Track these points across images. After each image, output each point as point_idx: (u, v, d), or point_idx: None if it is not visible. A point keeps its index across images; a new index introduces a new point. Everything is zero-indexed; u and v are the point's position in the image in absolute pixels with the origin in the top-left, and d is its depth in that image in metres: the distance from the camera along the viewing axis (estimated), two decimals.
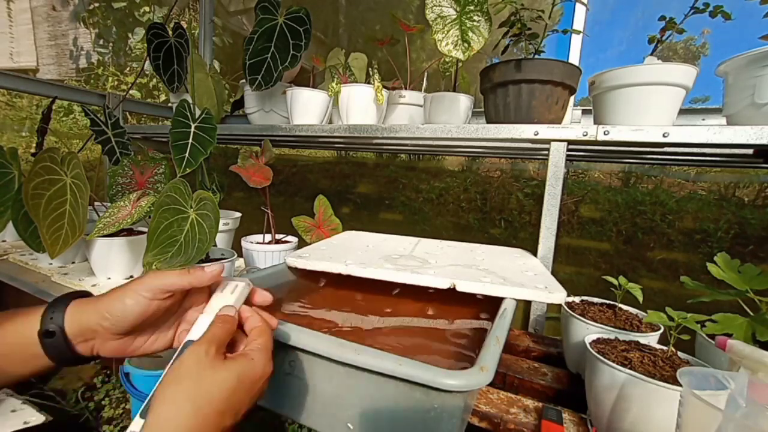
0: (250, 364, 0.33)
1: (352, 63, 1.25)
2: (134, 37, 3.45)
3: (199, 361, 0.31)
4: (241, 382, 0.32)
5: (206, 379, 0.30)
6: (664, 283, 1.55)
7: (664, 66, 0.71)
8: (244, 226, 1.31)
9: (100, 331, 0.35)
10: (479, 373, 0.36)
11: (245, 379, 0.32)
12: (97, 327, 0.35)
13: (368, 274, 0.61)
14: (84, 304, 0.36)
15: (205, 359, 0.31)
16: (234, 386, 0.31)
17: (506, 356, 0.70)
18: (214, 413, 0.30)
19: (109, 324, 0.35)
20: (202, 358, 0.31)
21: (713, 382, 0.35)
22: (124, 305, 0.35)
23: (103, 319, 0.34)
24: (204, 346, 0.32)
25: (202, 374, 0.30)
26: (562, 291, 0.55)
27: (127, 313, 0.35)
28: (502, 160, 2.03)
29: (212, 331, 0.34)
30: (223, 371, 0.31)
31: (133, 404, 1.52)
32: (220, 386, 0.30)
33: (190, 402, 0.29)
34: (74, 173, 0.82)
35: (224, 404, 0.30)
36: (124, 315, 0.35)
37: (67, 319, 0.34)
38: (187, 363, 0.31)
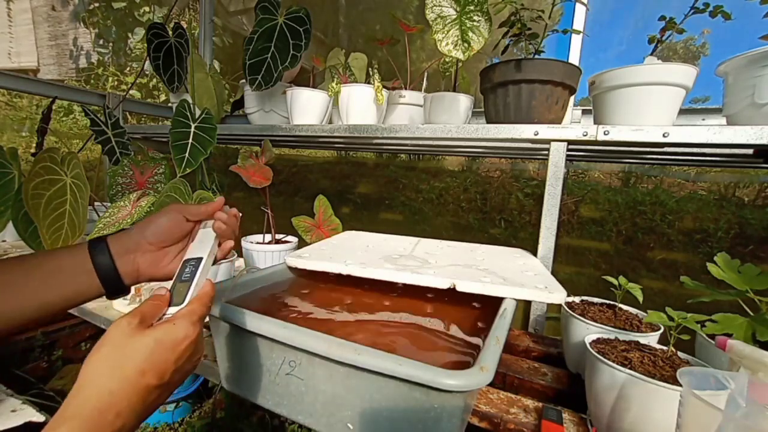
0: (170, 328, 0.34)
1: (352, 63, 1.25)
2: (134, 37, 3.45)
3: (121, 331, 0.33)
4: (160, 343, 0.33)
5: (126, 345, 0.32)
6: (664, 283, 1.55)
7: (664, 66, 0.71)
8: (244, 226, 1.31)
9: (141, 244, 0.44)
10: (479, 373, 0.36)
11: (164, 341, 0.33)
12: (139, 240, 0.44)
13: (368, 274, 0.61)
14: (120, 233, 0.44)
15: (126, 329, 0.33)
16: (152, 347, 0.33)
17: (506, 356, 0.70)
18: (134, 373, 0.31)
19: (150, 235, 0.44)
20: (124, 328, 0.33)
21: (713, 382, 0.35)
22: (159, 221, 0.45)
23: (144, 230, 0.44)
24: (127, 318, 0.34)
25: (122, 341, 0.32)
26: (562, 291, 0.55)
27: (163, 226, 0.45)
28: (502, 160, 2.03)
29: (140, 307, 0.36)
30: (142, 336, 0.33)
31: None
32: (138, 348, 0.32)
33: (108, 365, 0.31)
34: (74, 173, 0.82)
35: (143, 363, 0.32)
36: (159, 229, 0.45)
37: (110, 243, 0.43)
38: (111, 333, 0.33)
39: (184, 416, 1.53)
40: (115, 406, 0.30)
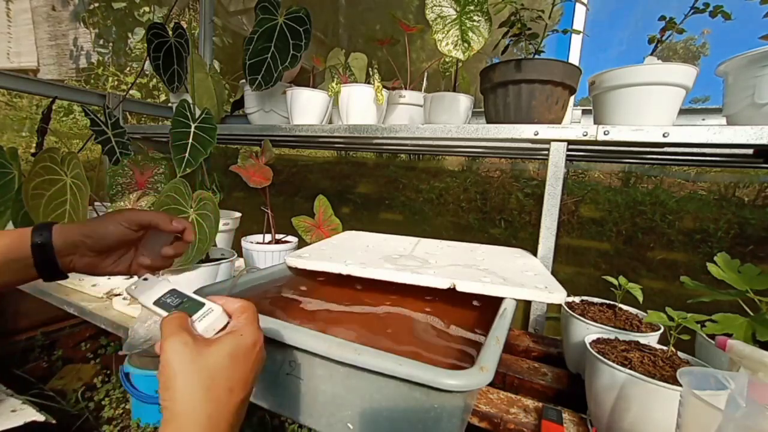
0: (239, 339, 0.33)
1: (352, 63, 1.25)
2: (134, 37, 3.45)
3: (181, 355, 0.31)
4: (234, 356, 0.32)
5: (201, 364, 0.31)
6: (664, 283, 1.55)
7: (664, 66, 0.71)
8: (244, 226, 1.31)
9: (81, 248, 0.43)
10: (479, 373, 0.36)
11: (237, 352, 0.33)
12: (80, 243, 0.42)
13: (368, 274, 0.61)
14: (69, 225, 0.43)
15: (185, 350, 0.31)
16: (228, 363, 0.32)
17: (506, 356, 0.70)
18: (223, 392, 0.31)
19: (91, 242, 0.43)
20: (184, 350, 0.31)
21: (713, 382, 0.35)
22: (106, 229, 0.43)
23: (87, 237, 0.42)
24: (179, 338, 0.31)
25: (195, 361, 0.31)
26: (562, 291, 0.55)
27: (108, 234, 0.43)
28: (502, 160, 2.03)
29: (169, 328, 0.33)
30: (211, 355, 0.31)
31: (133, 404, 1.51)
32: (216, 368, 0.31)
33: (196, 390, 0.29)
34: (74, 173, 0.82)
35: (229, 381, 0.31)
36: (105, 236, 0.43)
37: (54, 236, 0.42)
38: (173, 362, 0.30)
39: None
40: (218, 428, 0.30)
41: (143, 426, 1.48)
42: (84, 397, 1.58)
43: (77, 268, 0.44)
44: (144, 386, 1.42)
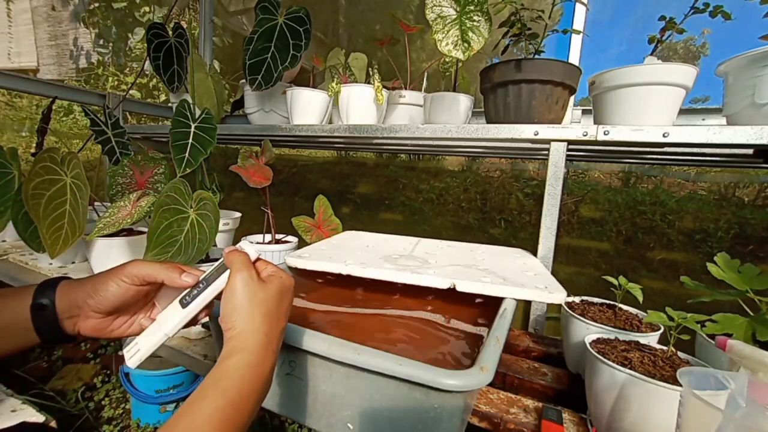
0: (282, 279, 0.41)
1: (352, 63, 1.25)
2: (134, 37, 3.45)
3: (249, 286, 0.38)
4: (282, 292, 0.40)
5: (260, 296, 0.38)
6: (664, 283, 1.55)
7: (664, 66, 0.71)
8: (244, 226, 1.31)
9: (84, 308, 0.39)
10: (479, 373, 0.36)
11: (284, 289, 0.40)
12: (83, 304, 0.39)
13: (368, 274, 0.61)
14: (72, 284, 0.40)
15: (252, 284, 0.38)
16: (279, 297, 0.39)
17: (506, 356, 0.70)
18: (275, 320, 0.38)
19: (94, 302, 0.39)
20: (250, 283, 0.38)
21: (713, 382, 0.35)
22: (107, 287, 0.39)
23: (89, 297, 0.39)
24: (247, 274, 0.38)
25: (256, 292, 0.38)
26: (562, 291, 0.55)
27: (109, 294, 0.39)
28: (502, 160, 2.03)
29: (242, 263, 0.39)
30: (268, 290, 0.39)
31: (133, 404, 1.52)
32: (271, 301, 0.38)
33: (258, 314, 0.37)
34: (74, 173, 0.82)
35: (278, 311, 0.39)
36: (106, 296, 0.39)
37: (58, 296, 0.39)
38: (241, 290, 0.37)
39: None
40: (270, 344, 0.37)
41: (143, 426, 1.48)
42: (84, 397, 1.58)
43: (83, 331, 0.40)
44: (144, 386, 1.42)
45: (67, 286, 0.40)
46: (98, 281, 0.40)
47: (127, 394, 1.60)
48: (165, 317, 0.40)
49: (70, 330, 0.40)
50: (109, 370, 1.75)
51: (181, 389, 1.47)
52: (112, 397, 1.62)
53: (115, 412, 1.56)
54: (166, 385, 1.44)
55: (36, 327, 0.38)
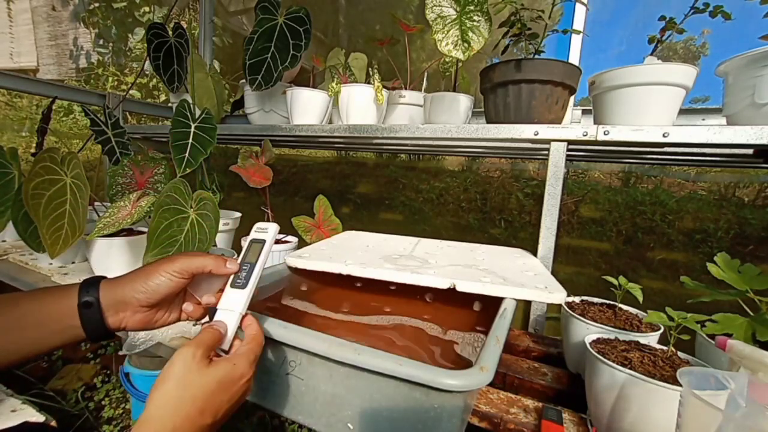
0: (231, 369, 0.36)
1: (352, 63, 1.25)
2: (134, 37, 3.45)
3: (185, 363, 0.34)
4: (221, 384, 0.35)
5: (190, 381, 0.34)
6: (664, 283, 1.55)
7: (664, 66, 0.71)
8: (244, 226, 1.31)
9: (132, 304, 0.40)
10: (479, 373, 0.36)
11: (224, 381, 0.35)
12: (131, 300, 0.39)
13: (368, 274, 0.61)
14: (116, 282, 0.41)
15: (191, 362, 0.34)
16: (213, 388, 0.34)
17: (506, 356, 0.70)
18: (195, 411, 0.33)
19: (144, 297, 0.40)
20: (188, 360, 0.34)
21: (713, 382, 0.35)
22: (157, 283, 0.40)
23: (138, 292, 0.40)
24: (192, 350, 0.35)
25: (187, 376, 0.34)
26: (562, 291, 0.55)
27: (161, 289, 0.40)
28: (502, 160, 2.03)
29: (200, 337, 0.37)
30: (205, 375, 0.34)
31: (133, 404, 1.51)
32: (201, 388, 0.34)
33: (173, 399, 0.33)
34: (74, 173, 0.82)
35: (204, 404, 0.34)
36: (158, 290, 0.40)
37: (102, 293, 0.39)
38: (177, 364, 0.34)
39: None
40: None
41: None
42: (84, 397, 1.59)
43: (129, 326, 0.42)
44: (144, 386, 1.42)
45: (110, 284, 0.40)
46: (147, 277, 0.40)
47: (127, 394, 1.60)
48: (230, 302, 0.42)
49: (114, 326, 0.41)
50: (109, 370, 1.75)
51: None
52: (112, 397, 1.62)
53: (115, 412, 1.56)
54: None
55: (83, 324, 0.39)
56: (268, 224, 0.46)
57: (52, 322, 0.38)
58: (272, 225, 0.46)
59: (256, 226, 0.47)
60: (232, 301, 0.42)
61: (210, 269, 0.42)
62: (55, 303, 0.39)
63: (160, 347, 0.75)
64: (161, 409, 0.32)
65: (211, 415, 0.34)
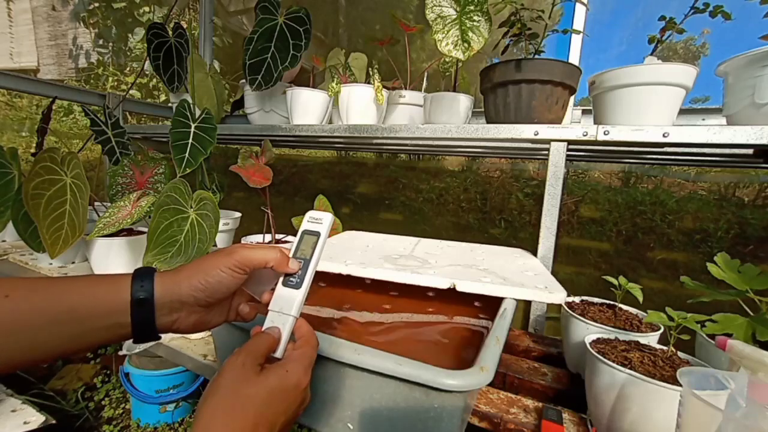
0: (284, 376, 0.33)
1: (352, 63, 1.25)
2: (134, 37, 3.45)
3: (234, 373, 0.32)
4: (272, 393, 0.32)
5: (240, 392, 0.31)
6: (664, 283, 1.55)
7: (664, 66, 0.71)
8: (244, 226, 1.31)
9: (189, 303, 0.35)
10: (479, 373, 0.36)
11: (277, 390, 0.32)
12: (189, 298, 0.35)
13: (368, 274, 0.61)
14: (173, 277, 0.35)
15: (240, 372, 0.32)
16: (267, 399, 0.31)
17: (506, 356, 0.70)
18: (248, 425, 0.30)
19: (203, 296, 0.35)
20: (237, 370, 0.32)
21: (713, 382, 0.35)
22: (218, 278, 0.35)
23: (197, 291, 0.35)
24: (241, 358, 0.32)
25: (236, 387, 0.31)
26: (562, 291, 0.55)
27: (221, 285, 0.35)
28: (502, 160, 2.03)
29: (250, 344, 0.34)
30: (255, 384, 0.32)
31: (133, 404, 1.52)
32: (252, 399, 0.31)
33: (223, 413, 0.30)
34: (74, 173, 0.82)
35: (257, 417, 0.31)
36: (218, 287, 0.35)
37: (157, 289, 0.34)
38: (224, 376, 0.31)
39: (184, 416, 1.53)
40: None
41: (143, 426, 1.48)
42: (84, 397, 1.59)
43: (181, 328, 0.37)
44: (144, 386, 1.42)
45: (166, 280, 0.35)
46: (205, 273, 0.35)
47: (127, 394, 1.60)
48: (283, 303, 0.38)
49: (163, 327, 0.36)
50: (109, 370, 1.75)
51: (181, 389, 1.47)
52: (112, 397, 1.62)
53: (115, 412, 1.56)
54: (166, 385, 1.44)
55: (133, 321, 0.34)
56: (322, 214, 0.40)
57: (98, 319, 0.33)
58: (327, 215, 0.40)
59: (309, 216, 0.41)
60: (286, 303, 0.37)
61: (272, 264, 0.37)
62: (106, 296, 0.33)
63: (160, 347, 0.75)
64: (211, 422, 0.29)
65: (267, 428, 0.31)
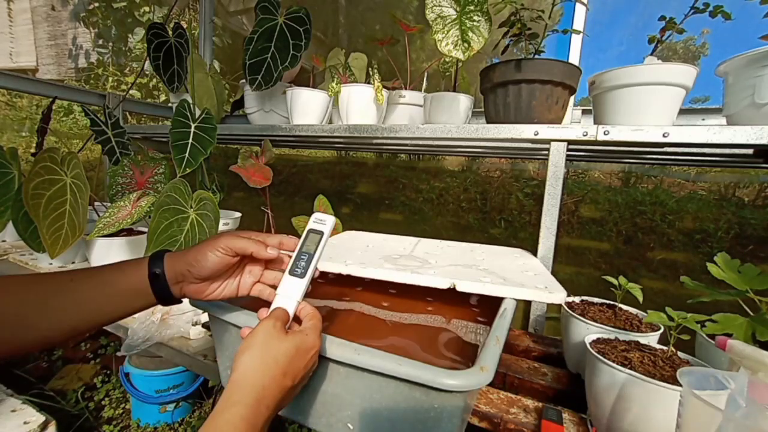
0: (304, 338, 0.40)
1: (352, 63, 1.25)
2: (134, 37, 3.45)
3: (267, 332, 0.39)
4: (298, 350, 0.39)
5: (273, 346, 0.38)
6: (664, 283, 1.55)
7: (664, 66, 0.71)
8: (244, 226, 1.31)
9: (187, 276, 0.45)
10: (479, 373, 0.36)
11: (301, 348, 0.39)
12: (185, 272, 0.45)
13: (368, 274, 0.61)
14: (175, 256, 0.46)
15: (272, 331, 0.39)
16: (293, 353, 0.39)
17: (506, 356, 0.70)
18: (279, 373, 0.37)
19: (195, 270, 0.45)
20: (270, 330, 0.39)
21: (713, 382, 0.35)
22: (205, 257, 0.44)
23: (190, 266, 0.45)
24: (272, 321, 0.40)
25: (269, 342, 0.38)
26: (562, 291, 0.55)
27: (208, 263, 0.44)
28: (502, 160, 2.03)
29: (276, 312, 0.42)
30: (285, 341, 0.39)
31: (133, 404, 1.52)
32: (283, 352, 0.38)
33: (260, 363, 0.37)
34: (74, 173, 0.82)
35: (286, 366, 0.38)
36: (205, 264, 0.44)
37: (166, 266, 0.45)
38: (259, 333, 0.39)
39: (184, 416, 1.53)
40: (266, 399, 0.36)
41: (143, 426, 1.48)
42: (84, 397, 1.59)
43: (187, 294, 0.47)
44: (144, 386, 1.42)
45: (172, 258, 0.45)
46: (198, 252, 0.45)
47: (127, 394, 1.60)
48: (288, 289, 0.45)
49: (177, 293, 0.46)
50: (109, 370, 1.75)
51: (181, 389, 1.47)
52: (112, 397, 1.62)
53: (115, 412, 1.56)
54: (166, 385, 1.44)
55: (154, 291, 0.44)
56: (326, 216, 0.48)
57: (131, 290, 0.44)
58: (330, 217, 0.48)
59: (314, 217, 0.48)
60: (291, 289, 0.45)
61: (251, 252, 0.46)
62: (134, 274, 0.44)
63: (159, 347, 0.75)
64: (249, 371, 0.36)
65: (291, 378, 0.38)
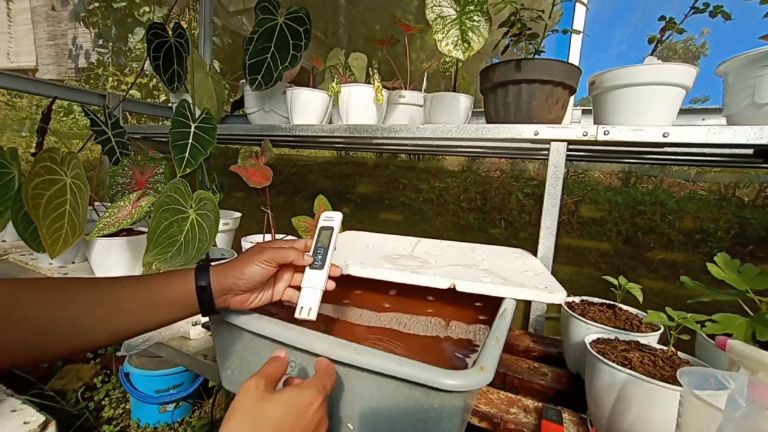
0: (298, 393, 0.36)
1: (352, 63, 1.25)
2: (134, 37, 3.45)
3: (251, 396, 0.34)
4: (290, 409, 0.35)
5: (257, 413, 0.34)
6: (664, 283, 1.55)
7: (664, 66, 0.71)
8: (244, 226, 1.31)
9: (233, 288, 0.47)
10: (479, 373, 0.36)
11: (293, 406, 0.35)
12: (232, 285, 0.46)
13: (368, 274, 0.61)
14: (223, 270, 0.47)
15: (255, 392, 0.35)
16: (283, 413, 0.34)
17: (506, 356, 0.70)
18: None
19: (242, 283, 0.46)
20: (252, 391, 0.35)
21: (713, 382, 0.35)
22: (252, 270, 0.47)
23: (237, 279, 0.46)
24: (254, 380, 0.36)
25: (252, 406, 0.34)
26: (562, 291, 0.55)
27: (256, 275, 0.47)
28: (502, 160, 2.03)
29: (264, 368, 0.38)
30: (270, 401, 0.34)
31: (133, 404, 1.52)
32: (268, 415, 0.34)
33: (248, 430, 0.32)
34: (74, 173, 0.82)
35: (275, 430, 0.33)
36: (252, 277, 0.47)
37: (213, 280, 0.46)
38: (240, 398, 0.34)
39: (184, 416, 1.53)
40: None
41: (143, 426, 1.48)
42: (84, 397, 1.59)
43: (231, 305, 0.48)
44: (144, 386, 1.43)
45: (218, 272, 0.47)
46: (245, 266, 0.47)
47: (127, 394, 1.61)
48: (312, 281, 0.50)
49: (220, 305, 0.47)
50: (109, 370, 1.75)
51: (181, 389, 1.47)
52: (112, 397, 1.62)
53: (115, 412, 1.56)
54: (166, 385, 1.44)
55: (200, 303, 0.46)
56: (333, 213, 0.54)
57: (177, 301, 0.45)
58: (337, 214, 0.53)
59: (324, 215, 0.54)
60: (314, 280, 0.50)
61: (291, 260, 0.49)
62: (181, 285, 0.45)
63: (159, 347, 0.76)
64: None
65: None
